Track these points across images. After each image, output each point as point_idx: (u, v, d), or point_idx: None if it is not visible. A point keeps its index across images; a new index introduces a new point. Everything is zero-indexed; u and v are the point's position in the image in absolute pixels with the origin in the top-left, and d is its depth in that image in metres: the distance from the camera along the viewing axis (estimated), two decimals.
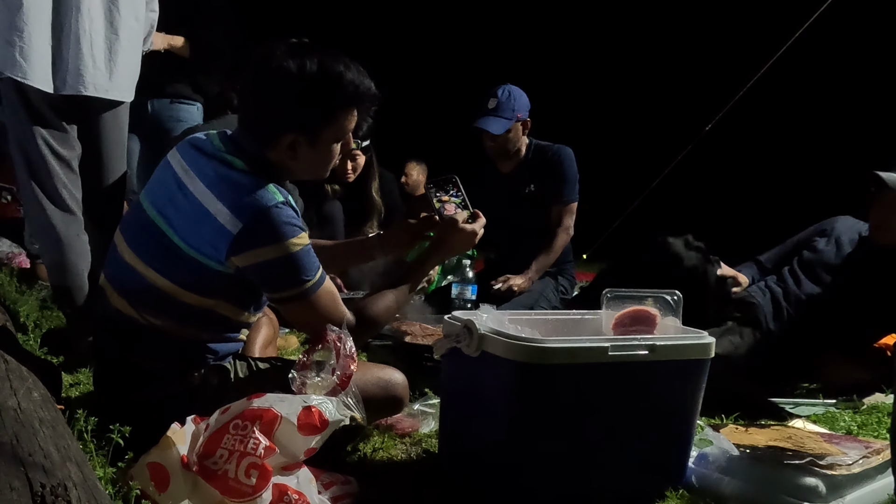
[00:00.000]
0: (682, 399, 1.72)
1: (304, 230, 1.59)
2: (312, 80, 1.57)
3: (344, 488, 1.53)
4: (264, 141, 1.61)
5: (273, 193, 1.55)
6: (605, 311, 1.87)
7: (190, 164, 1.62)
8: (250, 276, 1.58)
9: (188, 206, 1.57)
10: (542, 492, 1.60)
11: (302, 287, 1.59)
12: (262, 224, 1.53)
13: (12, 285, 3.32)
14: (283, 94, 1.57)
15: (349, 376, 1.55)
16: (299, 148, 1.61)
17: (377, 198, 3.83)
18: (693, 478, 1.75)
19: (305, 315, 1.64)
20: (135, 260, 1.62)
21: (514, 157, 3.50)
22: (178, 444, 1.33)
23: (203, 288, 1.58)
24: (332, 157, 1.68)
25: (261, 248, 1.53)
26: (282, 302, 1.62)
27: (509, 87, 3.40)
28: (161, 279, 1.58)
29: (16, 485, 0.97)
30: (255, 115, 1.63)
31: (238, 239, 1.52)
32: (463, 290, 3.18)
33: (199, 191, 1.56)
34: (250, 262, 1.54)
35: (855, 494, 1.64)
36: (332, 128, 1.62)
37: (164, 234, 1.58)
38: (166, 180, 1.64)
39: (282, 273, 1.58)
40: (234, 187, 1.55)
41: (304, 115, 1.59)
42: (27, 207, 2.44)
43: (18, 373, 1.47)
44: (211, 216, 1.53)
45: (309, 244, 1.60)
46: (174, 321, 1.60)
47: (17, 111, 2.27)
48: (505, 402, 1.61)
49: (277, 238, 1.53)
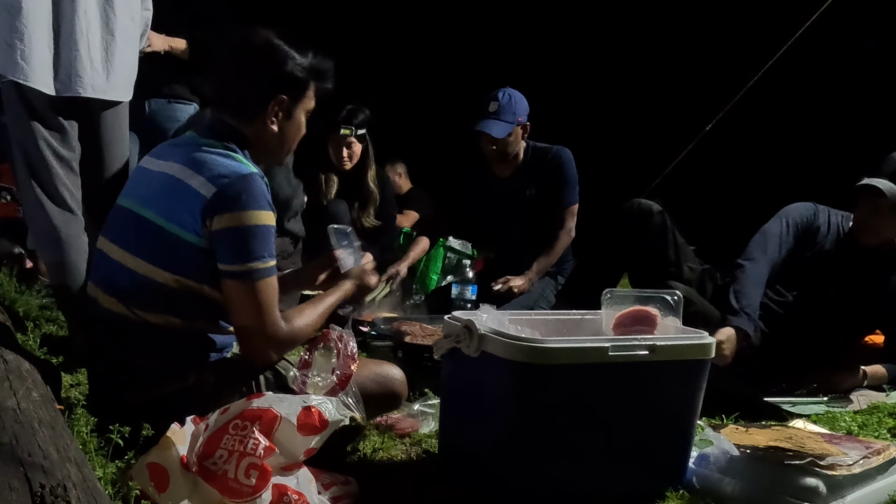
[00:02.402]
0: (683, 399, 1.72)
1: (272, 210, 1.62)
2: (286, 51, 1.70)
3: (344, 488, 1.53)
4: (247, 113, 1.70)
5: (248, 165, 1.63)
6: (605, 311, 1.87)
7: (165, 157, 1.70)
8: (213, 246, 1.59)
9: (166, 184, 1.63)
10: (542, 492, 1.60)
11: (250, 265, 1.58)
12: (235, 188, 1.57)
13: (12, 285, 3.32)
14: (268, 61, 1.69)
15: (349, 376, 1.55)
16: (282, 115, 1.71)
17: (374, 187, 3.83)
18: (693, 478, 1.75)
19: (242, 299, 1.60)
20: (121, 254, 1.65)
21: (512, 160, 3.48)
22: (177, 445, 1.33)
23: (187, 269, 1.60)
24: (301, 130, 1.78)
25: (229, 213, 1.56)
26: (227, 276, 1.59)
27: (509, 90, 3.38)
28: (148, 266, 1.61)
29: (15, 485, 0.97)
30: (238, 90, 1.71)
31: (211, 201, 1.56)
32: (463, 290, 3.17)
33: (174, 170, 1.63)
34: (219, 226, 1.57)
35: (855, 495, 1.64)
36: (307, 94, 1.74)
37: (144, 218, 1.63)
38: (142, 177, 1.72)
39: (238, 243, 1.58)
40: (211, 160, 1.62)
41: (289, 76, 1.69)
42: (27, 208, 2.44)
43: (18, 373, 1.47)
44: (188, 186, 1.59)
45: (273, 226, 1.63)
46: (164, 312, 1.61)
47: (18, 112, 2.28)
48: (505, 402, 1.61)
49: (246, 205, 1.57)
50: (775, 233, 2.69)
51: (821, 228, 2.73)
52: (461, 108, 3.53)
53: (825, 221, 2.74)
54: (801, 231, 2.72)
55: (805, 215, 2.74)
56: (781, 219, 2.73)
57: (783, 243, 2.68)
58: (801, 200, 2.81)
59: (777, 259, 2.66)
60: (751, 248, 2.66)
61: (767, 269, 2.63)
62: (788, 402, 2.43)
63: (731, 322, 2.43)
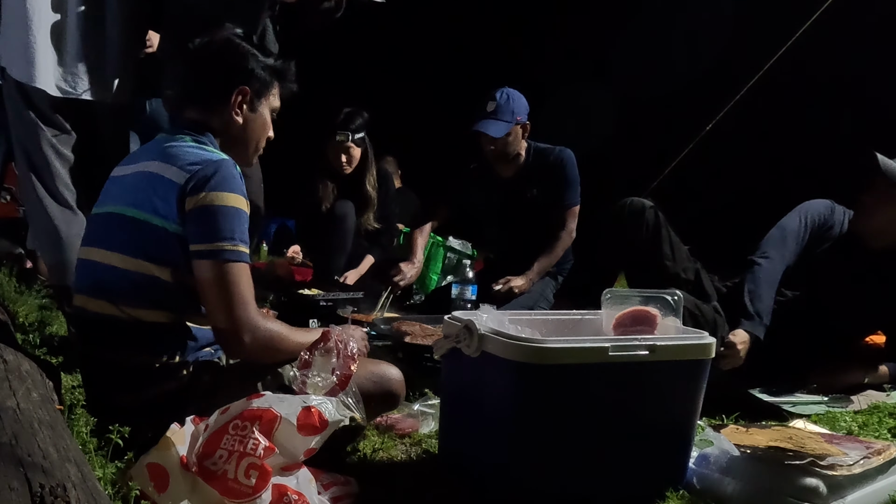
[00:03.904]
0: (683, 399, 1.72)
1: (244, 197, 1.63)
2: (247, 48, 1.79)
3: (344, 489, 1.53)
4: (212, 103, 1.74)
5: (219, 153, 1.67)
6: (605, 311, 1.87)
7: (135, 160, 1.75)
8: (186, 230, 1.59)
9: (142, 180, 1.66)
10: (542, 492, 1.60)
11: (217, 245, 1.57)
12: (205, 171, 1.60)
13: (12, 285, 3.32)
14: (230, 55, 1.77)
15: (349, 376, 1.55)
16: (245, 107, 1.76)
17: (372, 191, 3.83)
18: (694, 478, 1.75)
19: (215, 284, 1.57)
20: (104, 255, 1.66)
21: (514, 161, 3.47)
22: (177, 445, 1.33)
23: (171, 258, 1.61)
24: (267, 127, 1.83)
25: (200, 194, 1.58)
26: (196, 256, 1.59)
27: (508, 90, 3.38)
28: (132, 260, 1.62)
29: (15, 485, 0.97)
30: (202, 83, 1.77)
31: (184, 187, 1.59)
32: (463, 290, 3.17)
33: (148, 167, 1.67)
34: (190, 206, 1.58)
35: (856, 495, 1.64)
36: (270, 93, 1.80)
37: (124, 216, 1.64)
38: (113, 185, 1.75)
39: (206, 222, 1.58)
40: (182, 151, 1.66)
41: (250, 70, 1.76)
42: (29, 207, 2.45)
43: (18, 373, 1.47)
44: (162, 178, 1.62)
45: (245, 213, 1.63)
46: (153, 307, 1.62)
47: (21, 112, 2.30)
48: (505, 402, 1.61)
49: (215, 187, 1.59)
50: (793, 231, 2.63)
51: (833, 227, 2.69)
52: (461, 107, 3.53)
53: (839, 221, 2.70)
54: (816, 229, 2.67)
55: (823, 213, 2.70)
56: (800, 216, 2.67)
57: (800, 242, 2.64)
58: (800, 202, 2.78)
59: (792, 259, 2.61)
60: (767, 244, 2.61)
61: (782, 269, 2.59)
62: (789, 403, 2.42)
63: (744, 326, 2.41)
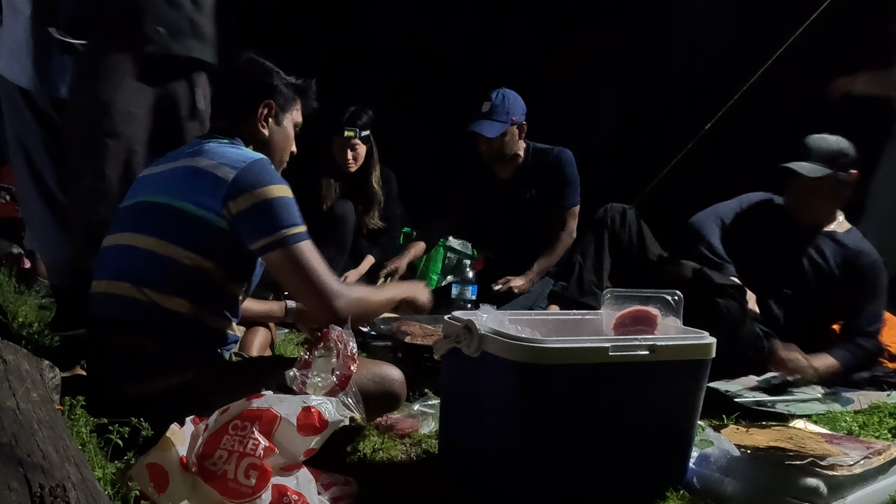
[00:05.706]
0: (683, 399, 1.72)
1: (286, 184, 1.72)
2: (271, 66, 1.92)
3: (343, 489, 1.53)
4: (239, 116, 1.86)
5: (255, 153, 1.76)
6: (605, 311, 1.87)
7: (168, 161, 1.81)
8: (238, 228, 1.65)
9: (182, 173, 1.73)
10: (542, 492, 1.60)
11: (281, 234, 1.65)
12: (252, 170, 1.68)
13: (11, 285, 3.32)
14: (256, 73, 1.90)
15: (349, 376, 1.55)
16: (271, 120, 1.88)
17: (378, 189, 3.82)
18: (694, 478, 1.75)
19: (291, 269, 1.67)
20: (133, 238, 1.71)
21: (512, 161, 3.47)
22: (177, 445, 1.33)
23: (201, 245, 1.66)
24: (290, 141, 1.95)
25: (248, 193, 1.65)
26: (264, 251, 1.67)
27: (503, 90, 3.37)
28: (161, 243, 1.67)
29: (14, 485, 0.97)
30: (230, 98, 1.90)
31: (233, 183, 1.66)
32: (463, 290, 3.17)
33: (186, 162, 1.75)
34: (241, 207, 1.65)
35: (856, 495, 1.64)
36: (293, 108, 1.93)
37: (157, 203, 1.71)
38: (144, 181, 1.82)
39: (264, 217, 1.66)
40: (223, 150, 1.75)
41: (275, 86, 1.89)
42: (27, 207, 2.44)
43: (17, 373, 1.46)
44: (207, 172, 1.69)
45: (292, 198, 1.71)
46: (175, 294, 1.66)
47: (20, 112, 2.30)
48: (505, 403, 1.61)
49: (263, 182, 1.67)
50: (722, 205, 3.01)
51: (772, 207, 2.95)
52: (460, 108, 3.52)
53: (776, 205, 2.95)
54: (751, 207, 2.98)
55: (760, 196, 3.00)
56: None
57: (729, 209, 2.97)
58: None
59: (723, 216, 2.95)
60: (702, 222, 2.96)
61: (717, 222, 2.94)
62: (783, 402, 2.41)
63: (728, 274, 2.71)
